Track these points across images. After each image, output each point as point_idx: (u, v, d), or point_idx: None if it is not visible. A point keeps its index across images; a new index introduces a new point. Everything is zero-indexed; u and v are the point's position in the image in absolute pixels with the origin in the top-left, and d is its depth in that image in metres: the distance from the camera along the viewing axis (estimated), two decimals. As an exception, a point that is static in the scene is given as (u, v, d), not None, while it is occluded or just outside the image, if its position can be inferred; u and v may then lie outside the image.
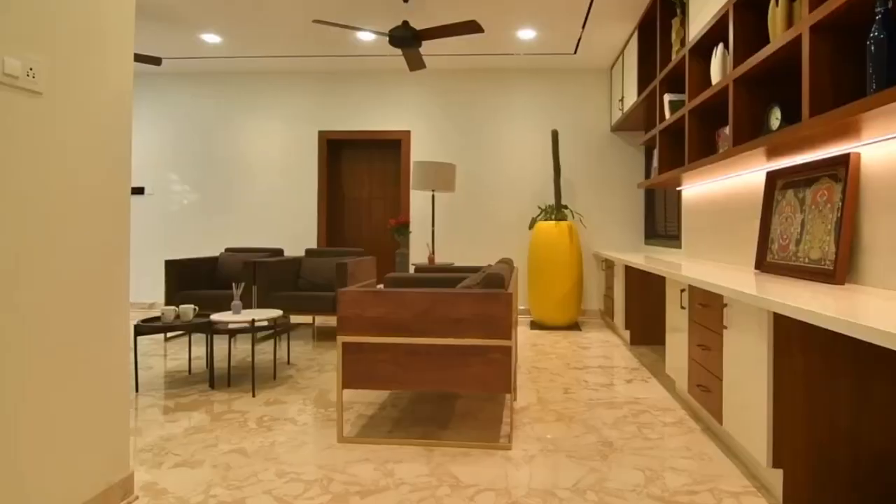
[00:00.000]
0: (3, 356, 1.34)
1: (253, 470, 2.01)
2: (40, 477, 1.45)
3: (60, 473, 1.52)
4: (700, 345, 2.42)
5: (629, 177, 5.63)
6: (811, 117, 1.81)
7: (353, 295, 2.24)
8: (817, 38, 1.82)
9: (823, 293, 1.76)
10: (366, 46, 5.08)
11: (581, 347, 4.23)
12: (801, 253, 2.33)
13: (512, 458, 2.11)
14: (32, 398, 1.42)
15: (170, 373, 3.39)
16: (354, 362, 2.26)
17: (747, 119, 2.48)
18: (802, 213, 2.37)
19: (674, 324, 2.87)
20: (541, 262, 4.99)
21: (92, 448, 1.64)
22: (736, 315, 2.01)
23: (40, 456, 1.45)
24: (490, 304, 2.18)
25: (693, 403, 2.71)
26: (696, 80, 3.08)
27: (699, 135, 3.13)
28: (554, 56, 5.29)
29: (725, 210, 3.29)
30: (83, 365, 1.60)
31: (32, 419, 1.42)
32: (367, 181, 6.05)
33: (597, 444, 2.26)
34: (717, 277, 2.29)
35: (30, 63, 1.40)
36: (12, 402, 1.37)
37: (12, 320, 1.37)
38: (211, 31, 4.74)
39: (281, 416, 2.59)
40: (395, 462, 2.07)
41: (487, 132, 5.76)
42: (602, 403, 2.80)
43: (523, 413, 2.64)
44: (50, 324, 1.48)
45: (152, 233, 6.08)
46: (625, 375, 3.38)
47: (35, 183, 1.43)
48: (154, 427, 2.45)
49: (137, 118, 6.07)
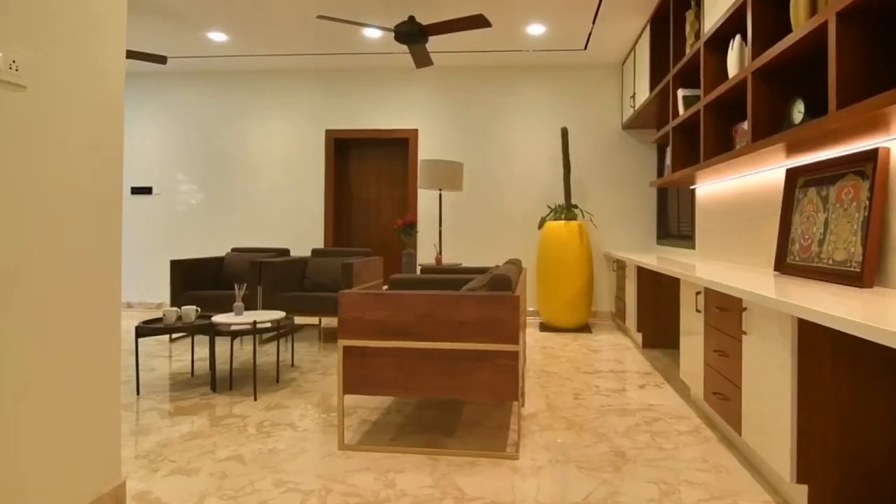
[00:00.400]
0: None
1: (250, 479, 1.94)
2: (26, 487, 1.39)
3: (47, 483, 1.45)
4: (717, 350, 2.31)
5: (641, 175, 5.51)
6: (838, 109, 1.70)
7: (353, 297, 2.17)
8: (845, 24, 1.70)
9: (851, 297, 1.65)
10: (372, 44, 5.01)
11: (592, 350, 4.12)
12: (825, 254, 2.21)
13: (519, 468, 2.02)
14: (17, 405, 1.36)
15: (172, 375, 3.34)
16: (356, 367, 2.18)
17: (767, 113, 2.36)
18: (826, 212, 2.25)
19: (688, 327, 2.76)
20: (550, 262, 4.89)
21: (81, 456, 1.57)
22: (756, 320, 1.90)
23: (26, 465, 1.39)
24: (496, 307, 2.09)
25: (709, 411, 2.59)
26: (712, 73, 2.96)
27: (715, 131, 3.01)
28: (563, 52, 5.18)
29: (742, 209, 3.16)
30: (71, 371, 1.53)
31: (17, 427, 1.36)
32: (375, 181, 5.98)
33: (608, 454, 2.16)
34: (734, 279, 2.18)
35: (12, 55, 1.34)
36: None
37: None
38: (217, 29, 4.70)
39: (282, 422, 2.52)
40: (397, 472, 1.99)
41: (496, 130, 5.66)
42: (614, 410, 2.70)
43: (532, 420, 2.55)
44: (35, 328, 1.41)
45: (160, 232, 6.06)
46: (637, 380, 3.27)
47: (16, 180, 1.37)
48: (152, 432, 2.40)
49: (144, 118, 6.05)
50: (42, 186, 1.44)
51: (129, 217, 6.09)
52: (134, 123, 6.07)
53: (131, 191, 6.06)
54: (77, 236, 1.55)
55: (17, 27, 1.37)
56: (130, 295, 6.06)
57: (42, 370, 1.44)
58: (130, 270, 6.08)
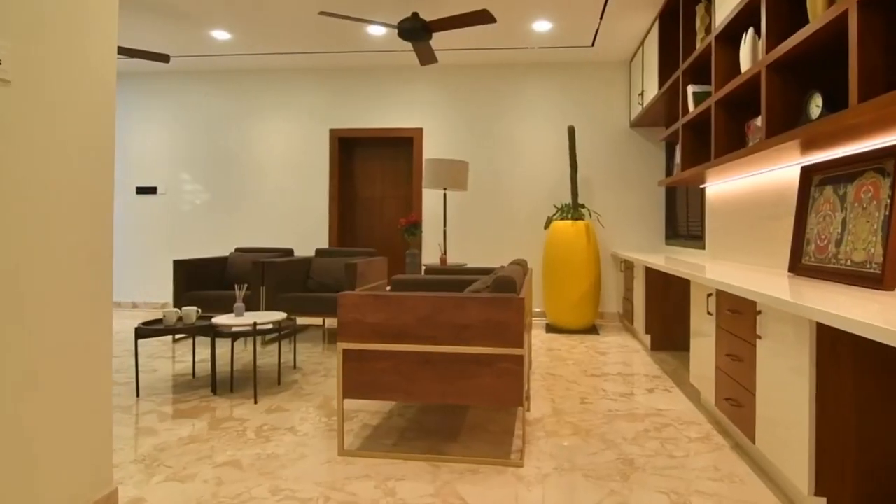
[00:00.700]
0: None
1: (246, 486, 1.88)
2: (13, 496, 1.34)
3: (36, 491, 1.41)
4: (729, 354, 2.23)
5: (649, 174, 5.41)
6: (860, 103, 1.62)
7: (352, 299, 2.11)
8: (866, 13, 1.62)
9: (871, 300, 1.56)
10: (377, 42, 4.96)
11: (599, 353, 4.04)
12: (843, 255, 2.12)
13: (524, 476, 1.95)
14: (3, 411, 1.31)
15: (174, 376, 3.30)
16: (355, 371, 2.12)
17: (781, 108, 2.28)
18: (843, 212, 2.17)
19: (699, 330, 2.68)
20: (557, 262, 4.81)
21: (71, 463, 1.52)
22: (772, 323, 1.82)
23: (12, 473, 1.34)
24: (500, 309, 2.02)
25: (720, 417, 2.51)
26: (724, 68, 2.88)
27: (726, 128, 2.92)
28: (570, 49, 5.10)
29: (754, 208, 3.07)
30: (59, 376, 1.48)
31: (2, 434, 1.31)
32: (380, 180, 5.92)
33: (616, 461, 2.09)
34: (747, 281, 2.10)
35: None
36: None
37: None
38: (220, 27, 4.66)
39: (281, 426, 2.47)
40: (398, 479, 1.93)
41: (501, 129, 5.59)
42: (622, 415, 2.62)
43: (537, 425, 2.48)
44: (19, 332, 1.36)
45: (165, 232, 6.04)
46: (645, 384, 3.19)
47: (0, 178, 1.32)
48: (150, 435, 2.35)
49: (150, 118, 6.04)
50: (27, 184, 1.39)
51: (134, 217, 6.08)
52: (139, 123, 6.05)
53: (136, 190, 6.05)
54: (65, 236, 1.50)
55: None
56: (136, 295, 6.05)
57: (28, 376, 1.39)
58: (136, 270, 6.06)
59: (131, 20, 4.51)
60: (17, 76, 1.36)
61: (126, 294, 6.06)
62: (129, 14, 4.37)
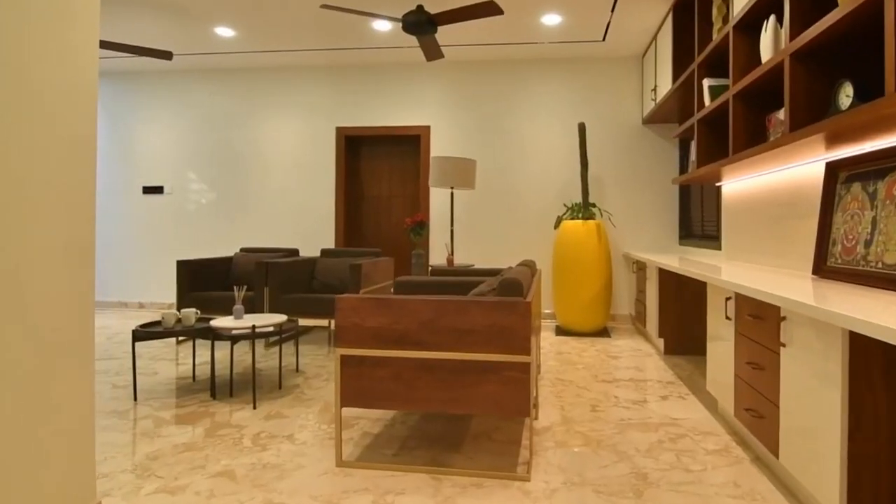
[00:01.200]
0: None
1: (238, 499, 1.80)
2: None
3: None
4: (750, 363, 2.10)
5: (662, 172, 5.26)
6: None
7: (350, 302, 2.01)
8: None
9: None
10: (382, 37, 4.86)
11: (610, 357, 3.91)
12: (873, 256, 1.98)
13: (530, 491, 1.84)
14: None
15: (174, 380, 3.23)
16: (354, 378, 2.03)
17: (806, 100, 2.14)
18: (873, 210, 2.03)
19: (716, 336, 2.55)
20: (567, 263, 4.68)
21: (49, 477, 1.44)
22: (798, 330, 1.69)
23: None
24: (505, 314, 1.92)
25: (740, 428, 2.38)
26: (742, 60, 2.74)
27: (745, 122, 2.78)
28: (581, 44, 4.97)
29: (774, 207, 2.93)
30: (37, 384, 1.40)
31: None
32: (387, 178, 5.83)
33: (629, 475, 1.97)
34: (769, 284, 1.97)
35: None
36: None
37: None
38: (223, 24, 4.60)
39: (279, 433, 2.38)
40: (397, 493, 1.83)
41: (510, 126, 5.47)
42: (634, 425, 2.50)
43: (545, 434, 2.37)
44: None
45: (172, 232, 6.01)
46: (659, 391, 3.06)
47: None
48: (144, 443, 2.28)
49: (155, 117, 6.00)
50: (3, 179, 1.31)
51: (140, 216, 6.05)
52: (144, 123, 6.02)
53: (143, 190, 6.02)
54: (42, 235, 1.42)
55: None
56: (142, 295, 6.02)
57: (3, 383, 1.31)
58: (142, 271, 6.03)
59: (132, 17, 4.45)
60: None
61: (133, 294, 6.03)
62: (130, 10, 4.32)
